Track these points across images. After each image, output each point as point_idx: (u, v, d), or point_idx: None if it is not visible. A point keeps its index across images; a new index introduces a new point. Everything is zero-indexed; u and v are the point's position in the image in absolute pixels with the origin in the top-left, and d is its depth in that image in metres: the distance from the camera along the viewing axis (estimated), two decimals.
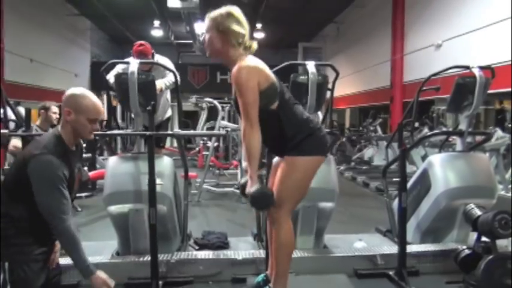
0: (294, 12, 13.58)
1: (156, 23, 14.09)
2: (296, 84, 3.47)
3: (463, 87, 3.65)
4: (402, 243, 3.22)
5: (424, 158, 6.50)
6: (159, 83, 3.71)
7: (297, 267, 3.11)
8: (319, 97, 3.44)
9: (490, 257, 2.89)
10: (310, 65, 3.45)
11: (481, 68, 3.64)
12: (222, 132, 4.44)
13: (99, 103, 1.86)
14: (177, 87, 3.71)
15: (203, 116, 8.22)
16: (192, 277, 3.39)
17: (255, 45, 1.90)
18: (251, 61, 1.88)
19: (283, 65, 3.62)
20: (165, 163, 3.54)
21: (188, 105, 8.13)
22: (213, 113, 8.33)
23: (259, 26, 14.23)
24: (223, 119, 7.39)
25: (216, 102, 6.93)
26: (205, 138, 7.80)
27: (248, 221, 5.51)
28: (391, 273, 3.32)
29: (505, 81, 6.34)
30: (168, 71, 3.82)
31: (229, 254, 3.68)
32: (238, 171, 6.96)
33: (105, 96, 8.00)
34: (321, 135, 1.91)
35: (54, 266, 1.95)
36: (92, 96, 1.86)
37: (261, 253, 3.70)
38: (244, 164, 2.06)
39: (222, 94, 12.13)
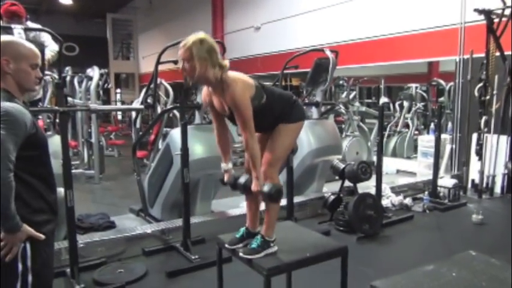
0: None
1: None
2: None
3: (320, 66, 4.47)
4: (290, 193, 3.86)
5: None
6: (47, 54, 3.25)
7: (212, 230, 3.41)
8: None
9: (356, 196, 3.81)
10: None
11: (331, 51, 4.54)
12: (141, 106, 4.12)
13: (34, 46, 1.71)
14: (60, 58, 3.36)
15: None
16: (104, 258, 3.26)
17: (227, 62, 2.08)
18: (236, 78, 2.06)
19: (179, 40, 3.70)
20: (57, 142, 3.20)
21: None
22: None
23: None
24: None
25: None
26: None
27: (116, 200, 5.36)
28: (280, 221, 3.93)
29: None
30: (45, 40, 3.36)
31: (136, 230, 3.65)
32: (85, 151, 6.46)
33: None
34: (301, 105, 2.29)
35: None
36: (25, 41, 1.71)
37: (159, 225, 3.81)
38: (223, 164, 2.27)
39: None
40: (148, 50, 15.58)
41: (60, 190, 2.97)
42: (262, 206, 2.27)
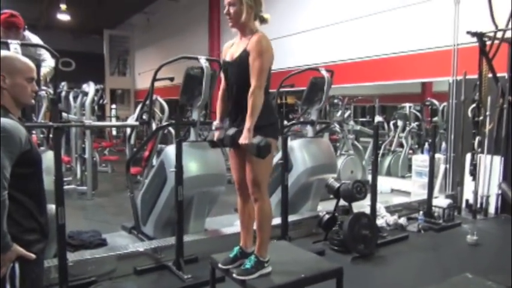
0: None
1: None
2: (190, 76, 3.63)
3: (315, 85, 4.50)
4: (284, 212, 3.83)
5: None
6: (43, 70, 3.25)
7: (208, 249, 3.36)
8: (211, 89, 3.71)
9: (351, 216, 3.78)
10: (203, 60, 3.66)
11: (327, 70, 4.57)
12: (136, 123, 4.11)
13: (29, 60, 1.71)
14: (56, 73, 3.36)
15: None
16: (94, 276, 3.19)
17: (268, 16, 2.16)
18: (268, 39, 2.17)
19: (177, 58, 3.73)
20: (50, 157, 3.17)
21: None
22: None
23: (63, 6, 12.82)
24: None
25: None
26: None
27: (108, 217, 5.29)
28: (275, 240, 3.89)
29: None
30: (41, 54, 3.36)
31: (128, 248, 3.59)
32: (78, 167, 6.40)
33: None
34: (278, 126, 2.30)
35: None
36: (20, 55, 1.73)
37: (151, 244, 3.75)
38: (216, 122, 2.32)
39: None
40: (145, 67, 15.65)
41: (52, 207, 2.93)
42: (255, 225, 2.24)
